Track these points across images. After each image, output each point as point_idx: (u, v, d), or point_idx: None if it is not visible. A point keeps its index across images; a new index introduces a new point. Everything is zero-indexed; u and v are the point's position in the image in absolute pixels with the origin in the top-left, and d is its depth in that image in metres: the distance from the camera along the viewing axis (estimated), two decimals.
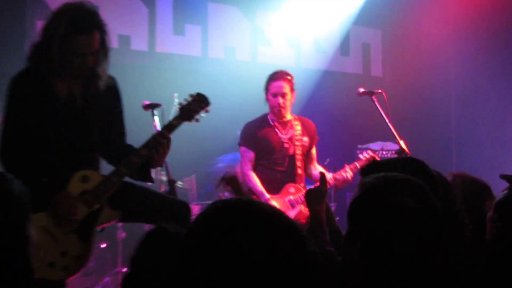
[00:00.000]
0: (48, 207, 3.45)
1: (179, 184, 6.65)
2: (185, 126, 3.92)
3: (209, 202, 6.07)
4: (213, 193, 7.20)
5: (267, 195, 5.67)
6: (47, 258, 3.41)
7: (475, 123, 9.53)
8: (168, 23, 8.07)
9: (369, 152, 5.99)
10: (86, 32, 3.42)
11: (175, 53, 8.09)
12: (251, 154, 5.88)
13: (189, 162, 7.41)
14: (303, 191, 5.67)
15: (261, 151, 5.86)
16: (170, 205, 3.79)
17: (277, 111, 5.91)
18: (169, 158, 4.06)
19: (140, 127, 5.80)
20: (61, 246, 3.46)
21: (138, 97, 5.77)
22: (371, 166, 2.24)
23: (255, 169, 5.85)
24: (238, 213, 1.41)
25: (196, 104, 3.90)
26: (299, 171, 5.91)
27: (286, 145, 5.90)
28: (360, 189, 1.85)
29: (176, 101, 6.30)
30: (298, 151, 5.90)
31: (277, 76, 5.91)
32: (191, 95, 3.93)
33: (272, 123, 5.96)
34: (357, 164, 5.92)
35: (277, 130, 5.94)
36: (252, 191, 5.69)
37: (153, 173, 5.72)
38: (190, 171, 7.33)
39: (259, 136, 5.90)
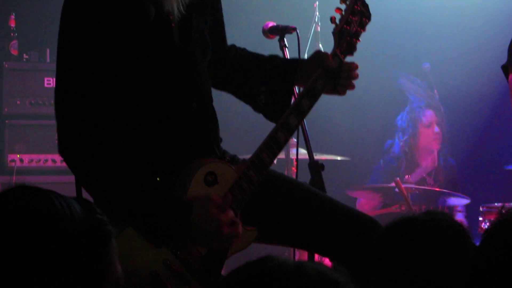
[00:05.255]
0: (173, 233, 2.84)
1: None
2: None
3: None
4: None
5: None
6: None
7: None
8: None
9: None
10: None
11: None
12: None
13: (343, 133, 6.86)
14: None
15: None
16: (348, 221, 3.12)
17: None
18: (311, 130, 3.46)
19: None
20: None
21: (254, 14, 5.86)
22: None
23: None
24: None
25: (357, 21, 3.25)
26: None
27: None
28: None
29: (317, 14, 5.91)
30: None
31: None
32: (345, 1, 3.24)
33: None
34: None
35: None
36: None
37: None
38: (345, 148, 6.54)
39: None
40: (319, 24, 5.85)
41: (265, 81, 3.25)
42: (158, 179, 2.93)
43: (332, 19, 3.22)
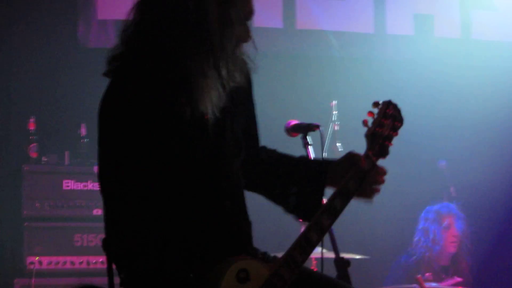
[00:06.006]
0: None
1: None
2: None
3: None
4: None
5: None
6: None
7: None
8: None
9: None
10: None
11: (329, 29, 7.21)
12: None
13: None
14: None
15: None
16: None
17: None
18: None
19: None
20: None
21: (273, 109, 5.87)
22: None
23: None
24: None
25: (389, 124, 3.22)
26: None
27: None
28: None
29: (335, 113, 5.94)
30: None
31: None
32: (377, 105, 3.22)
33: None
34: None
35: None
36: None
37: None
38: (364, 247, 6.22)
39: None
40: (337, 123, 5.85)
41: (296, 183, 3.23)
42: (191, 275, 2.93)
43: (365, 122, 3.22)
